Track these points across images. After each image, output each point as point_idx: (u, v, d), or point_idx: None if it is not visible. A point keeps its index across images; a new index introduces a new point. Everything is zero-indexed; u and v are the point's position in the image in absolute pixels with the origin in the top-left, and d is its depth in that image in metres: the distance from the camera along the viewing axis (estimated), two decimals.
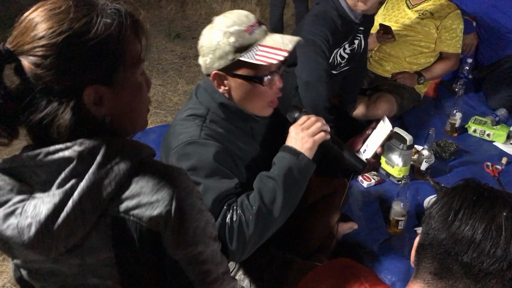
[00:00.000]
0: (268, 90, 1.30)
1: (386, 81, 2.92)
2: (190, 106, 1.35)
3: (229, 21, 1.24)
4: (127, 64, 0.81)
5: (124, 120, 0.86)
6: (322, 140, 1.31)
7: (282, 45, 1.22)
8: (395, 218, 2.05)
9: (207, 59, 1.27)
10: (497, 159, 2.55)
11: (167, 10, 4.89)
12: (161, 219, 0.80)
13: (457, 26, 2.79)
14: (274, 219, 1.22)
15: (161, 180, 0.81)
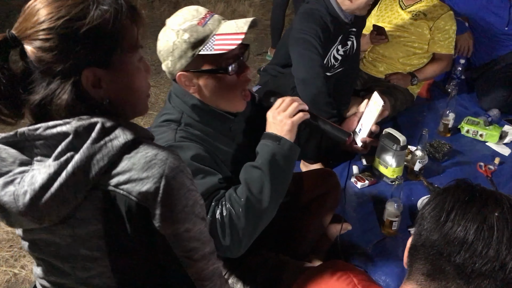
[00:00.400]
0: (237, 79, 1.27)
1: (380, 82, 2.93)
2: (164, 112, 1.33)
3: (180, 19, 1.22)
4: (124, 48, 0.86)
5: (123, 103, 0.90)
6: (301, 120, 1.29)
7: (237, 28, 1.19)
8: (389, 219, 2.04)
9: (168, 63, 1.25)
10: (490, 160, 2.56)
11: (160, 11, 4.87)
12: (149, 195, 0.83)
13: (450, 27, 2.80)
14: (264, 209, 1.20)
15: (153, 159, 0.84)
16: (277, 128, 1.26)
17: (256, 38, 4.39)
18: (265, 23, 4.70)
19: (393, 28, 2.87)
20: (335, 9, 2.19)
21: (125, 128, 0.86)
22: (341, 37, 2.31)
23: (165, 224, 0.86)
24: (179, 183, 0.86)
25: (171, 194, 0.85)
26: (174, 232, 0.88)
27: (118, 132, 0.85)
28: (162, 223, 0.86)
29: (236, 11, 4.89)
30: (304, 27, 2.16)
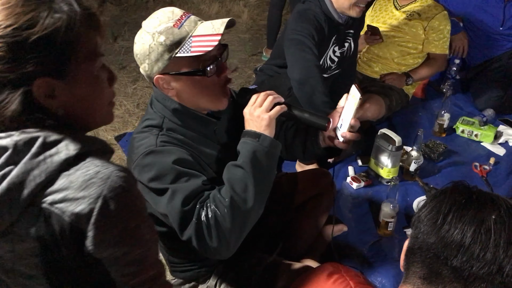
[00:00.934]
0: (216, 79, 1.25)
1: (375, 82, 2.92)
2: (146, 117, 1.31)
3: (155, 21, 1.20)
4: (81, 57, 0.82)
5: (81, 114, 0.87)
6: (279, 114, 1.27)
7: (214, 30, 1.17)
8: (385, 220, 2.04)
9: (145, 66, 1.23)
10: (485, 160, 2.56)
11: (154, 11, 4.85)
12: (83, 216, 0.80)
13: (444, 27, 2.80)
14: (250, 207, 1.18)
15: (92, 177, 0.81)
16: (255, 124, 1.25)
17: (251, 38, 4.38)
18: (260, 24, 4.69)
19: (388, 28, 2.87)
20: (329, 9, 2.18)
21: (71, 142, 0.82)
22: (335, 37, 2.30)
23: (98, 248, 0.82)
24: (120, 204, 0.81)
25: (108, 216, 0.80)
26: (109, 256, 0.84)
27: (61, 147, 0.81)
28: (95, 246, 0.82)
29: (231, 11, 4.87)
30: (298, 28, 2.15)
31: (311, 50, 2.12)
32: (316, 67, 2.11)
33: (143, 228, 0.87)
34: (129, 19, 4.67)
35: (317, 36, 2.14)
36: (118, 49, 4.00)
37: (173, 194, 1.18)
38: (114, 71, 0.94)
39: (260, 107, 1.25)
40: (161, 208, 1.22)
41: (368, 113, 2.70)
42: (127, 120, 3.06)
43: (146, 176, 1.21)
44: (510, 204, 0.70)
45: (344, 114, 1.40)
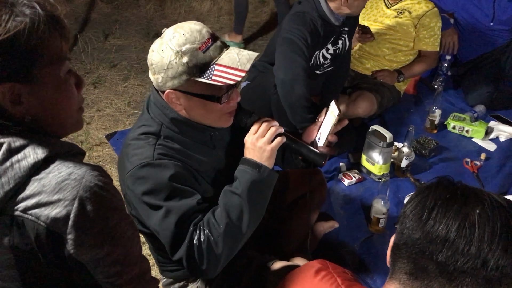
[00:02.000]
0: (226, 105, 1.25)
1: (366, 79, 2.92)
2: (143, 122, 1.29)
3: (181, 39, 1.15)
4: (46, 61, 0.80)
5: (49, 120, 0.85)
6: (280, 145, 1.28)
7: (240, 64, 1.16)
8: (376, 216, 2.04)
9: (158, 78, 1.20)
10: (476, 155, 2.58)
11: (145, 9, 4.81)
12: (60, 220, 0.77)
13: (435, 24, 2.80)
14: (243, 234, 1.21)
15: (66, 178, 0.78)
16: (256, 155, 1.25)
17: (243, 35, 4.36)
18: (252, 21, 4.67)
19: (379, 26, 2.87)
20: (326, 13, 2.18)
21: (38, 146, 0.79)
22: (334, 38, 2.31)
23: (80, 250, 0.80)
24: (97, 203, 0.80)
25: (86, 217, 0.78)
26: (92, 257, 0.82)
27: (27, 152, 0.78)
28: (77, 249, 0.80)
29: (222, 9, 4.85)
30: (293, 29, 2.14)
31: (302, 53, 2.12)
32: (303, 70, 2.11)
33: (124, 225, 0.86)
34: (120, 17, 4.64)
35: (310, 40, 2.14)
36: (109, 47, 3.97)
37: (167, 213, 1.18)
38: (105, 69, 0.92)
39: (262, 137, 1.25)
40: (153, 224, 1.22)
41: (360, 110, 2.70)
42: (118, 118, 3.04)
43: (140, 189, 1.19)
44: (494, 199, 0.70)
45: (323, 129, 1.42)
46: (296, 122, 2.12)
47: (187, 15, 4.76)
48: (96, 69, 3.62)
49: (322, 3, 2.16)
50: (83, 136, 2.79)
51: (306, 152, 1.36)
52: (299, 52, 2.11)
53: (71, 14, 4.61)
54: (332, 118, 1.37)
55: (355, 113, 2.73)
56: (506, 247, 0.66)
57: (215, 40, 1.20)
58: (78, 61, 3.73)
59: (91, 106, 3.15)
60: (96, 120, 3.00)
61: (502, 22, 2.97)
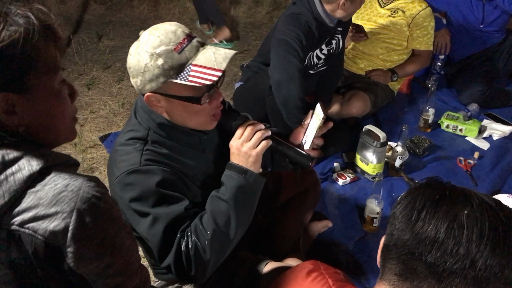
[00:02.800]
0: (208, 106, 1.22)
1: (360, 79, 2.93)
2: (130, 127, 1.27)
3: (156, 41, 1.13)
4: (40, 71, 0.80)
5: (43, 130, 0.84)
6: (265, 149, 1.26)
7: (216, 64, 1.14)
8: (370, 216, 2.04)
9: (137, 81, 1.18)
10: (469, 154, 2.59)
11: (139, 9, 4.80)
12: (58, 233, 0.76)
13: (428, 24, 2.81)
14: (230, 240, 1.20)
15: (62, 190, 0.77)
16: (241, 160, 1.24)
17: (237, 36, 4.36)
18: (246, 21, 4.68)
19: (373, 25, 2.87)
20: (320, 15, 2.18)
21: (32, 158, 0.78)
22: (328, 39, 2.32)
23: (80, 263, 0.79)
24: (95, 214, 0.78)
25: (85, 228, 0.77)
26: (93, 270, 0.81)
27: (22, 164, 0.77)
28: (77, 262, 0.78)
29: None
30: (287, 30, 2.15)
31: (297, 54, 2.12)
32: (298, 71, 2.12)
33: (123, 235, 0.85)
34: (114, 18, 4.63)
35: (305, 41, 2.15)
36: (102, 49, 3.96)
37: (155, 220, 1.17)
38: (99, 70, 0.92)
39: (247, 142, 1.24)
40: (141, 231, 1.22)
41: (353, 109, 2.71)
42: (112, 120, 3.03)
43: (128, 195, 1.19)
44: (482, 199, 0.71)
45: (309, 131, 1.41)
46: (291, 122, 2.12)
47: (181, 15, 4.75)
48: (90, 70, 3.60)
49: (317, 5, 2.17)
50: (77, 138, 2.78)
51: (292, 154, 1.35)
52: (294, 53, 2.12)
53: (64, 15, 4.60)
54: (317, 121, 1.37)
55: (349, 113, 2.74)
56: (494, 247, 0.66)
57: (191, 40, 1.17)
58: (71, 63, 3.72)
59: (84, 108, 3.14)
60: (90, 122, 3.00)
61: (491, 23, 3.00)
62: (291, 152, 1.35)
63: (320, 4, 2.17)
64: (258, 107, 2.34)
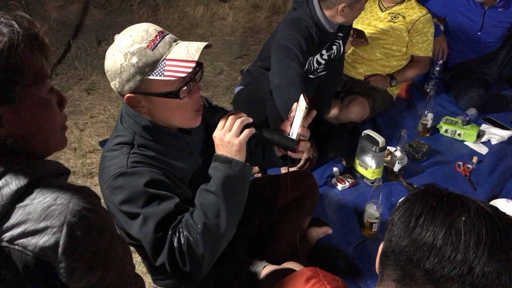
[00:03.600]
0: (189, 100, 1.22)
1: (359, 84, 2.94)
2: (117, 133, 1.28)
3: (128, 40, 1.15)
4: (26, 81, 0.78)
5: (31, 140, 0.82)
6: (248, 137, 1.26)
7: (189, 56, 1.14)
8: (369, 221, 2.05)
9: (116, 83, 1.19)
10: (468, 159, 2.59)
11: (139, 14, 4.82)
12: (49, 249, 0.74)
13: (428, 30, 2.82)
14: (222, 232, 1.19)
15: (52, 204, 0.75)
16: (226, 150, 1.23)
17: (236, 40, 4.38)
18: (246, 26, 4.69)
19: (373, 30, 2.89)
20: (320, 20, 2.20)
21: (19, 171, 0.76)
22: (328, 45, 2.33)
23: (73, 278, 0.77)
24: (86, 227, 0.76)
25: (76, 242, 0.75)
26: (86, 284, 0.79)
27: (9, 178, 0.75)
28: (69, 277, 0.76)
29: (216, 14, 4.87)
30: (288, 35, 2.16)
31: (297, 59, 2.13)
32: (298, 76, 2.12)
33: (116, 246, 0.83)
34: (113, 23, 4.65)
35: (305, 46, 2.16)
36: (102, 53, 3.97)
37: (145, 220, 1.17)
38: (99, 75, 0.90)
39: (229, 131, 1.24)
40: (134, 232, 1.22)
41: (352, 115, 2.72)
42: (112, 125, 3.03)
43: (117, 198, 1.19)
44: (480, 206, 0.71)
45: (294, 123, 1.41)
46: None
47: (180, 20, 4.77)
48: (90, 75, 3.62)
49: (317, 10, 2.18)
50: (77, 143, 2.79)
51: (277, 138, 1.33)
52: (294, 58, 2.13)
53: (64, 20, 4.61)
54: (301, 111, 1.35)
55: (347, 118, 2.75)
56: (491, 253, 0.67)
57: (163, 37, 1.18)
58: (71, 68, 3.73)
59: (84, 113, 3.15)
60: (89, 127, 3.00)
61: (490, 32, 3.02)
62: (275, 136, 1.33)
63: (320, 9, 2.18)
64: (259, 111, 2.35)
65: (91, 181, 2.51)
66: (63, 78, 3.60)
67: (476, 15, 3.00)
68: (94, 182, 2.50)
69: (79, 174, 2.56)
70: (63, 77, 3.62)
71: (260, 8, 5.00)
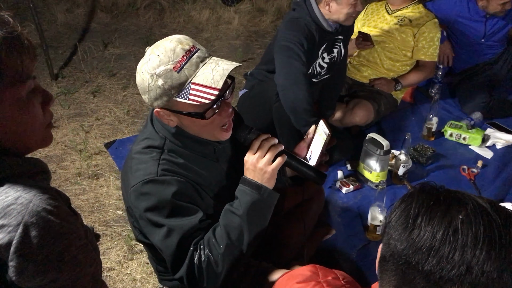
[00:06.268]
0: (217, 117, 1.21)
1: (364, 87, 2.94)
2: (146, 135, 1.28)
3: (155, 60, 1.14)
4: (5, 83, 0.77)
5: (9, 139, 0.81)
6: (281, 165, 1.26)
7: (213, 82, 1.13)
8: (373, 224, 2.05)
9: (145, 98, 1.20)
10: (472, 163, 2.59)
11: (145, 18, 4.85)
12: (2, 247, 0.75)
13: (434, 35, 2.82)
14: (243, 254, 1.21)
15: (12, 203, 0.75)
16: (257, 176, 1.24)
17: (242, 44, 4.40)
18: (251, 30, 4.71)
19: (378, 32, 2.89)
20: (318, 18, 2.21)
21: None
22: (325, 45, 2.32)
23: (22, 277, 0.77)
24: (43, 229, 0.76)
25: (29, 243, 0.75)
26: (36, 284, 0.78)
27: None
28: (18, 276, 0.76)
29: (221, 18, 4.89)
30: (288, 35, 2.17)
31: (300, 58, 2.14)
32: (302, 74, 2.13)
33: (73, 249, 0.82)
34: (119, 26, 4.68)
35: (306, 44, 2.17)
36: (108, 57, 3.99)
37: (169, 232, 1.19)
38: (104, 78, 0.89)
39: (262, 158, 1.24)
40: (155, 241, 1.23)
41: (357, 118, 2.72)
42: (117, 127, 3.05)
43: (143, 205, 1.20)
44: (477, 203, 0.69)
45: (313, 147, 1.41)
46: (299, 126, 2.13)
47: (185, 24, 4.80)
48: (96, 78, 3.64)
49: (315, 8, 2.20)
50: (82, 145, 2.80)
51: (306, 170, 1.33)
52: (297, 57, 2.14)
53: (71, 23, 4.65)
54: (323, 138, 1.37)
55: (352, 122, 2.75)
56: (490, 251, 0.65)
57: (190, 57, 1.16)
58: (77, 70, 3.76)
59: (90, 115, 3.17)
60: (95, 129, 3.02)
61: (493, 36, 3.02)
62: (304, 168, 1.33)
63: (317, 7, 2.20)
64: (264, 114, 2.36)
65: (96, 182, 2.53)
66: (70, 80, 3.63)
67: (478, 24, 3.01)
68: (99, 184, 2.52)
69: (84, 175, 2.57)
70: (69, 79, 3.64)
71: (265, 12, 5.02)
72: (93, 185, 2.51)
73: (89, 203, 2.38)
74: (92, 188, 2.49)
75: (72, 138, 2.90)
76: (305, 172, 1.33)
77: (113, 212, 2.33)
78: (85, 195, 2.44)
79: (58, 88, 3.49)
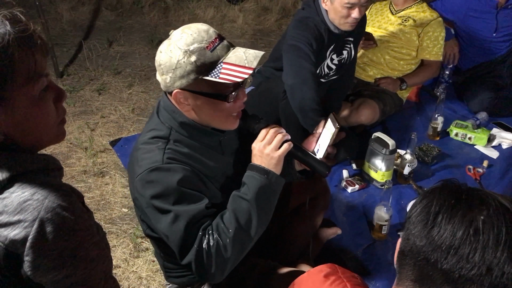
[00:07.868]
0: (233, 104, 1.25)
1: (369, 86, 2.94)
2: (152, 126, 1.30)
3: (189, 38, 1.17)
4: (17, 82, 0.77)
5: (22, 136, 0.82)
6: (287, 152, 1.29)
7: (247, 62, 1.17)
8: (379, 223, 2.05)
9: (167, 78, 1.21)
10: (478, 162, 2.58)
11: (149, 16, 4.85)
12: (18, 242, 0.76)
13: (439, 34, 2.81)
14: (251, 239, 1.23)
15: (28, 199, 0.76)
16: (264, 161, 1.27)
17: (246, 43, 4.39)
18: (255, 28, 4.71)
19: (382, 32, 2.88)
20: (325, 18, 2.21)
21: (3, 166, 0.78)
22: (333, 46, 2.32)
23: (37, 272, 0.78)
24: (58, 225, 0.77)
25: (45, 239, 0.77)
26: (51, 279, 0.80)
27: None
28: (34, 271, 0.78)
29: (226, 16, 4.89)
30: (297, 35, 2.17)
31: (309, 58, 2.13)
32: (310, 74, 2.12)
33: (87, 245, 0.83)
34: (124, 24, 4.68)
35: (315, 44, 2.16)
36: (113, 54, 4.00)
37: (176, 217, 1.20)
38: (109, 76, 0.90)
39: (269, 145, 1.27)
40: (162, 228, 1.24)
41: (362, 117, 2.71)
42: (122, 125, 3.06)
43: (149, 192, 1.21)
44: (500, 202, 0.69)
45: (321, 141, 1.43)
46: (307, 125, 2.13)
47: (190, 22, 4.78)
48: (101, 76, 3.65)
49: (322, 9, 2.20)
50: (88, 143, 2.81)
51: (311, 161, 1.37)
52: (305, 57, 2.13)
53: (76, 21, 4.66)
54: (331, 131, 1.39)
55: (357, 121, 2.74)
56: (511, 253, 0.65)
57: (222, 40, 1.21)
58: (82, 68, 3.77)
59: (95, 113, 3.18)
60: (100, 127, 3.03)
61: (505, 29, 2.99)
62: (310, 158, 1.37)
63: (323, 8, 2.19)
64: (271, 111, 2.36)
65: (102, 180, 2.53)
66: (75, 78, 3.63)
67: (490, 17, 2.98)
68: (105, 182, 2.52)
69: (90, 173, 2.58)
70: (74, 77, 3.65)
71: (270, 10, 5.01)
72: (98, 182, 2.52)
73: (94, 200, 2.39)
74: (97, 185, 2.50)
75: (77, 136, 2.90)
76: (310, 163, 1.37)
77: (118, 210, 2.34)
78: (91, 192, 2.45)
79: (63, 86, 3.49)
